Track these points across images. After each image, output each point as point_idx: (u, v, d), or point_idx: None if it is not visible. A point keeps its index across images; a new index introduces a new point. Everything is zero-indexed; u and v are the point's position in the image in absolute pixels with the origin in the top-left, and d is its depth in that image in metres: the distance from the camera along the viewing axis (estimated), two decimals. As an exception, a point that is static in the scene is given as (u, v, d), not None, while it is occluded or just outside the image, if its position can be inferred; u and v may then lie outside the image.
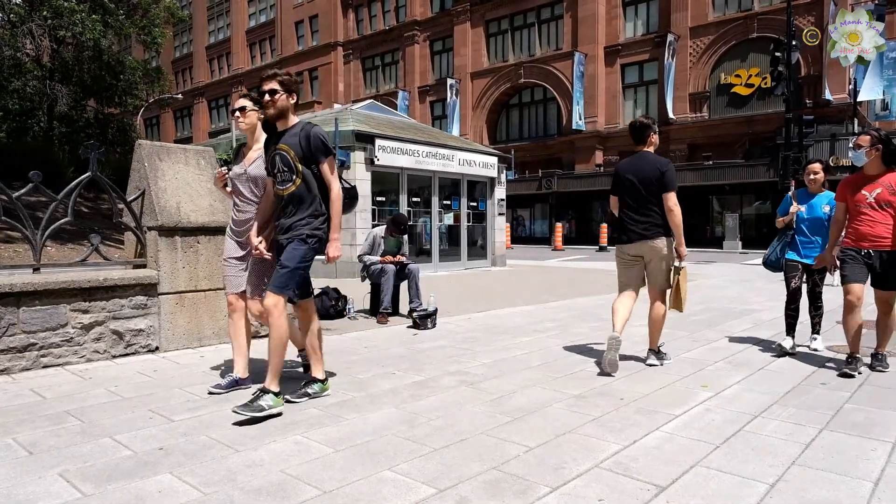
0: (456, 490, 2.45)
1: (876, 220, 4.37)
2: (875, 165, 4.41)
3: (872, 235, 4.38)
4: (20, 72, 14.58)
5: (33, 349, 4.44)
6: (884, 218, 4.35)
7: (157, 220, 5.09)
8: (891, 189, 4.33)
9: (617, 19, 31.93)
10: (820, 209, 5.16)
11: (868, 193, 4.40)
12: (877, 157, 4.38)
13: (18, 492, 2.43)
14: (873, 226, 4.37)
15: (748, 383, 4.14)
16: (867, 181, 4.44)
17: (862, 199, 4.42)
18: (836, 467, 2.69)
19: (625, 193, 4.64)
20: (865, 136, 4.42)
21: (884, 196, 4.34)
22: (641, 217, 4.55)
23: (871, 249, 4.38)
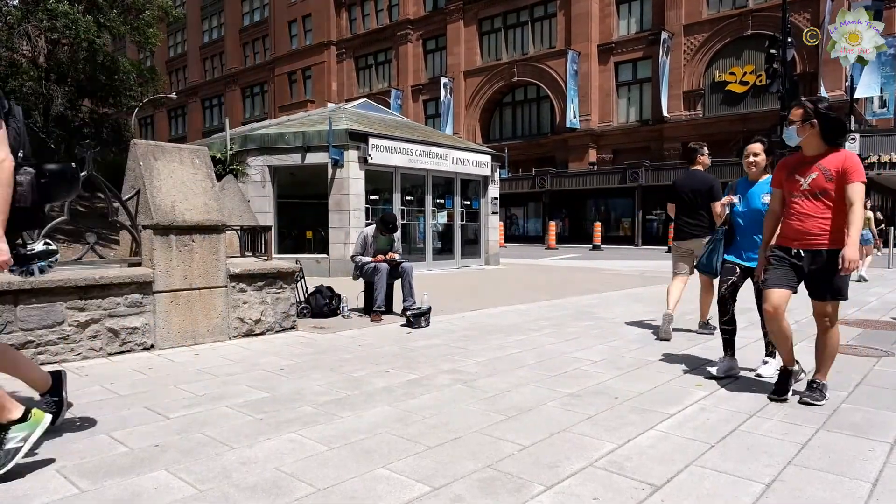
0: (450, 488, 2.47)
1: (808, 212, 3.56)
2: (813, 144, 3.59)
3: (803, 231, 3.57)
4: (17, 73, 14.55)
5: (30, 346, 4.43)
6: (817, 210, 3.53)
7: (153, 218, 5.09)
8: (828, 174, 3.48)
9: (610, 17, 31.99)
10: (758, 200, 4.33)
11: (802, 179, 3.59)
12: (813, 134, 3.56)
13: (16, 488, 2.43)
14: (804, 220, 3.57)
15: (743, 382, 4.17)
16: (803, 164, 3.63)
17: (795, 185, 3.62)
18: (833, 467, 2.69)
19: (681, 202, 6.00)
20: (798, 108, 3.58)
21: (819, 183, 3.51)
22: (693, 220, 5.97)
23: (800, 249, 3.59)
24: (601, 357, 4.93)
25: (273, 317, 5.95)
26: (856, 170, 3.45)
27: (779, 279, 3.62)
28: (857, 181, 3.42)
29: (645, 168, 28.45)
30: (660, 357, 4.93)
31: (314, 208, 12.92)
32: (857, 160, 3.50)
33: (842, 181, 3.46)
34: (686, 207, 5.96)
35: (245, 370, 4.47)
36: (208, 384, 4.06)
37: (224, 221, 5.60)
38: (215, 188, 5.71)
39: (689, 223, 5.97)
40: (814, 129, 3.55)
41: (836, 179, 3.48)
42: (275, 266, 6.04)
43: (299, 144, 12.73)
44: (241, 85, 49.55)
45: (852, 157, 3.52)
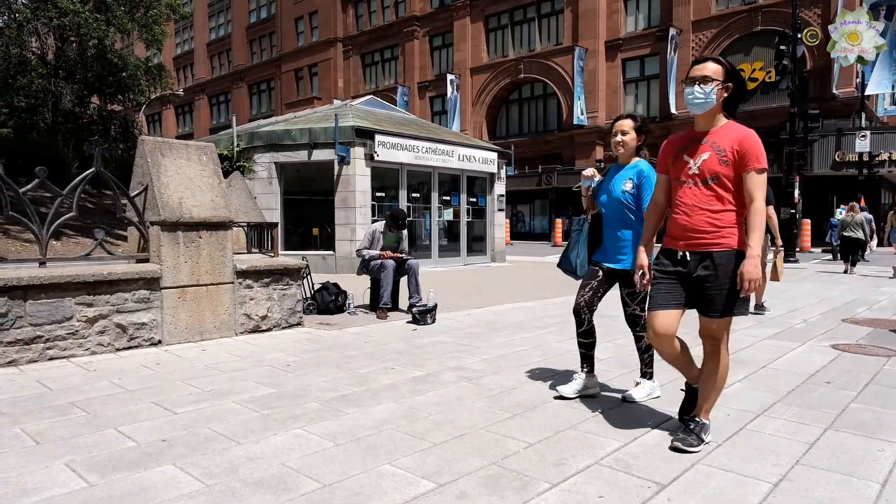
0: (456, 485, 2.47)
1: (696, 203, 2.80)
2: (710, 115, 2.84)
3: (689, 228, 2.82)
4: (26, 69, 14.67)
5: (39, 341, 4.47)
6: (707, 200, 2.79)
7: (160, 215, 5.11)
8: (722, 154, 2.75)
9: (618, 13, 31.83)
10: (619, 187, 3.57)
11: (691, 161, 2.83)
12: (721, 102, 2.83)
13: (26, 480, 2.45)
14: (691, 213, 2.81)
15: (750, 381, 4.15)
16: (694, 141, 2.87)
17: (683, 168, 2.86)
18: (841, 467, 2.68)
19: None
20: (716, 64, 2.83)
21: (710, 165, 2.77)
22: None
23: (686, 251, 2.86)
24: (608, 355, 4.92)
25: (279, 313, 5.97)
26: (755, 154, 2.70)
27: (665, 298, 2.91)
28: (757, 169, 2.69)
29: (653, 165, 28.26)
30: (666, 355, 4.91)
31: (320, 205, 12.94)
32: (758, 141, 2.74)
33: (739, 167, 2.73)
34: None
35: (252, 366, 4.49)
36: (215, 380, 4.08)
37: (231, 218, 5.62)
38: (222, 185, 5.72)
39: None
40: (726, 94, 2.82)
41: (731, 163, 2.74)
42: (281, 263, 6.06)
43: (306, 141, 12.75)
44: (247, 82, 49.63)
45: (752, 136, 2.74)
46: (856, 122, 24.34)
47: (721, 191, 2.78)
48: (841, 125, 24.12)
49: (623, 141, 3.62)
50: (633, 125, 3.64)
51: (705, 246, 2.79)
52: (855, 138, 23.14)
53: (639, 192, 3.51)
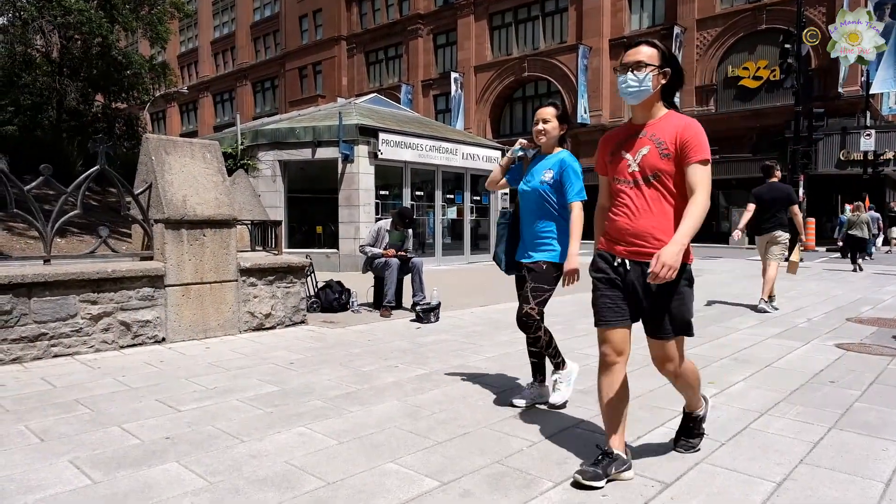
0: (459, 483, 2.47)
1: (637, 204, 2.48)
2: (648, 104, 2.53)
3: (632, 234, 2.49)
4: (30, 67, 14.72)
5: (44, 339, 4.48)
6: (652, 203, 2.47)
7: (164, 212, 5.12)
8: (662, 148, 2.44)
9: (622, 11, 31.76)
10: (539, 178, 3.37)
11: (630, 157, 2.51)
12: (659, 89, 2.51)
13: (30, 477, 2.46)
14: (633, 216, 2.49)
15: (754, 380, 4.14)
16: (632, 135, 2.55)
17: (622, 166, 2.54)
18: (845, 467, 2.66)
19: (763, 206, 7.46)
20: (650, 47, 2.50)
21: (651, 161, 2.45)
22: (771, 219, 7.46)
23: (626, 259, 2.52)
24: (611, 353, 4.90)
25: (283, 311, 5.97)
26: (697, 144, 2.41)
27: (612, 313, 2.52)
28: (700, 161, 2.39)
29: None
30: (670, 354, 4.90)
31: (324, 203, 12.95)
32: (700, 130, 2.45)
33: (681, 161, 2.43)
34: (766, 210, 7.48)
35: (255, 364, 4.50)
36: (219, 377, 4.09)
37: (235, 216, 5.63)
38: (226, 183, 5.73)
39: (769, 221, 7.49)
40: (664, 81, 2.51)
41: (673, 157, 2.43)
42: (285, 261, 6.07)
43: (310, 139, 12.76)
44: (251, 80, 49.68)
45: (694, 125, 2.46)
46: (860, 120, 24.26)
47: (665, 191, 2.46)
48: (846, 124, 24.05)
49: (545, 129, 3.39)
50: (556, 113, 3.43)
51: (649, 255, 2.37)
52: (860, 137, 23.07)
53: (560, 184, 3.31)
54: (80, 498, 2.30)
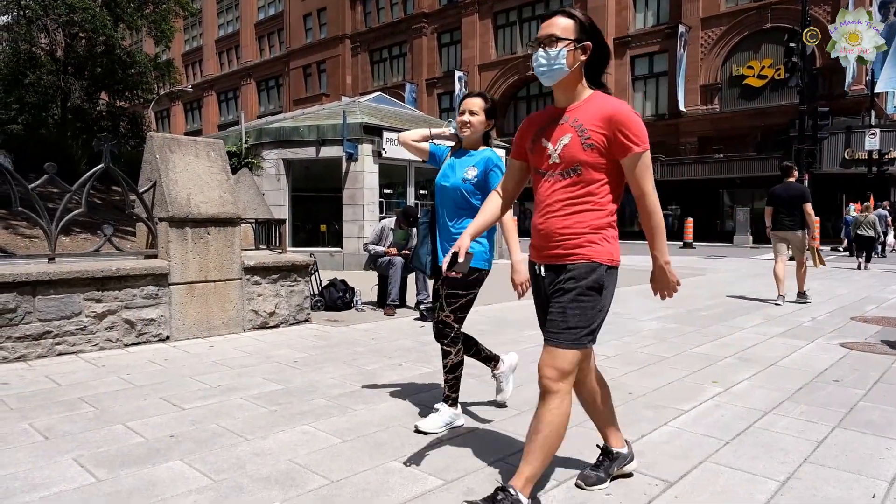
0: (462, 482, 2.47)
1: (554, 203, 2.17)
2: (570, 84, 2.18)
3: (545, 236, 2.20)
4: (35, 65, 14.77)
5: (48, 337, 4.49)
6: (568, 199, 2.15)
7: (168, 211, 5.13)
8: (585, 136, 2.09)
9: (626, 10, 31.69)
10: (461, 174, 3.09)
11: (551, 147, 2.17)
12: (578, 68, 2.17)
13: (35, 475, 2.47)
14: (547, 216, 2.19)
15: (759, 379, 4.13)
16: (553, 121, 2.20)
17: (543, 156, 2.21)
18: (849, 466, 2.66)
19: (781, 205, 7.93)
20: (566, 18, 2.17)
21: (572, 151, 2.11)
22: (790, 218, 7.88)
23: (541, 263, 2.26)
24: (614, 352, 4.90)
25: (287, 309, 5.98)
26: (632, 131, 2.06)
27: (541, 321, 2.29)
28: (638, 151, 2.06)
29: (660, 162, 28.21)
30: (674, 353, 4.90)
31: (328, 202, 12.96)
32: (633, 115, 2.10)
33: (610, 152, 2.09)
34: (785, 208, 7.92)
35: (259, 362, 4.50)
36: (223, 376, 4.10)
37: (239, 214, 5.64)
38: (230, 181, 5.74)
39: (787, 219, 7.92)
40: (584, 57, 2.15)
41: (598, 147, 2.08)
42: (289, 259, 6.07)
43: (314, 138, 12.76)
44: (256, 78, 49.74)
45: (623, 109, 2.10)
46: (865, 119, 24.16)
47: (585, 185, 2.11)
48: (850, 123, 23.96)
49: (471, 122, 3.07)
50: (483, 105, 3.10)
51: (559, 258, 2.13)
52: (864, 136, 22.98)
53: (485, 184, 3.04)
54: (85, 496, 2.31)
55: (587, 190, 2.13)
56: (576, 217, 2.14)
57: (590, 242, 2.14)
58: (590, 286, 2.12)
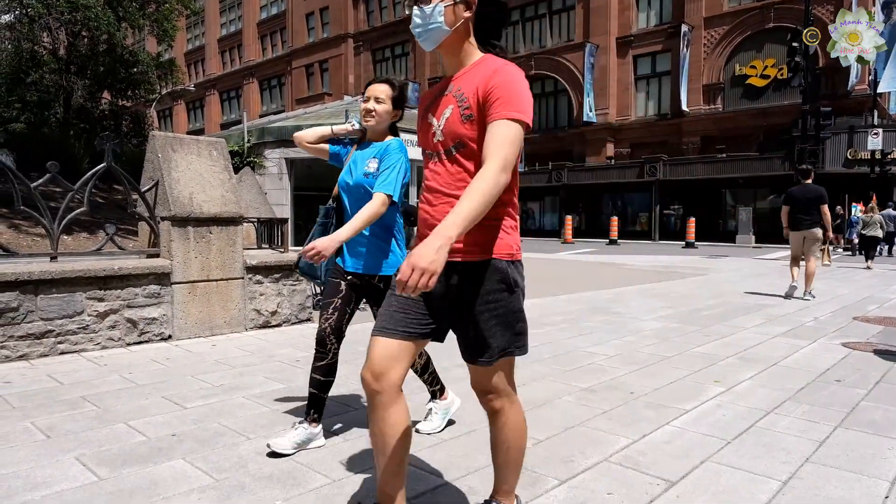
0: (464, 480, 2.47)
1: (441, 188, 1.86)
2: (456, 47, 1.87)
3: (432, 225, 1.86)
4: (38, 64, 14.81)
5: (50, 336, 4.50)
6: (455, 183, 1.82)
7: (171, 210, 5.13)
8: (464, 105, 1.78)
9: (629, 10, 31.68)
10: (362, 168, 2.76)
11: (435, 122, 1.87)
12: (464, 26, 1.84)
13: (37, 474, 2.47)
14: (434, 203, 1.88)
15: (760, 379, 4.12)
16: (441, 93, 1.90)
17: (429, 136, 1.91)
18: (851, 465, 2.66)
19: (798, 205, 8.27)
20: None
21: (453, 125, 1.80)
22: (807, 217, 8.23)
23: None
24: (616, 352, 4.90)
25: (289, 309, 5.99)
26: (506, 95, 1.71)
27: (391, 320, 1.88)
28: (506, 117, 1.69)
29: (663, 162, 28.19)
30: (676, 353, 4.89)
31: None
32: (515, 78, 1.74)
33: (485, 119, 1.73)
34: (802, 208, 8.26)
35: (261, 361, 4.51)
36: (225, 375, 4.10)
37: (241, 213, 5.64)
38: (233, 180, 5.74)
39: (804, 218, 8.25)
40: (469, 13, 1.84)
41: (477, 117, 1.76)
42: (291, 258, 6.08)
43: (316, 137, 12.76)
44: (258, 77, 49.79)
45: (506, 70, 1.75)
46: (868, 119, 24.10)
47: (472, 166, 1.78)
48: (853, 122, 23.90)
49: (375, 110, 2.73)
50: (391, 93, 2.76)
51: (451, 253, 1.69)
52: (867, 136, 22.93)
53: (377, 172, 2.70)
54: (87, 495, 2.31)
55: (472, 171, 1.79)
56: None
57: (493, 238, 1.80)
58: (496, 287, 1.80)
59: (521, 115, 1.71)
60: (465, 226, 1.58)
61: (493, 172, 1.63)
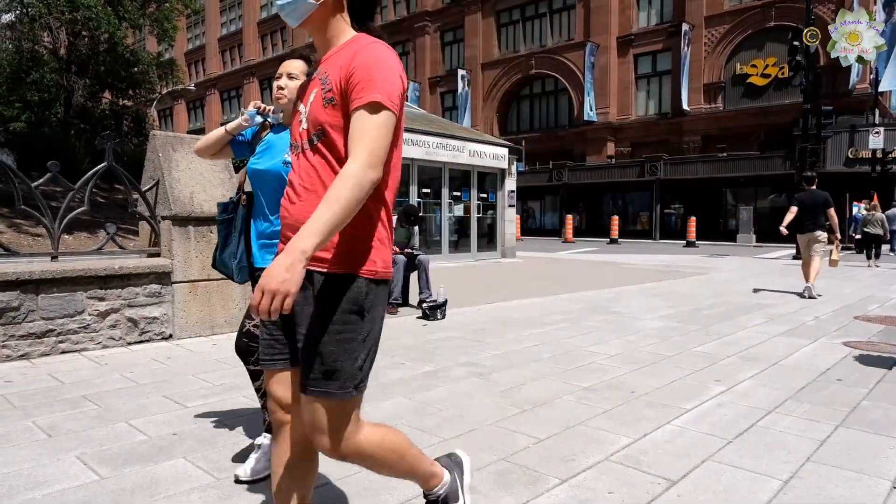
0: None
1: (301, 184, 1.61)
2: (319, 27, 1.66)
3: (289, 227, 1.62)
4: (38, 64, 14.82)
5: (51, 335, 4.51)
6: (314, 178, 1.58)
7: (171, 209, 5.13)
8: (327, 89, 1.56)
9: (630, 9, 31.65)
10: (280, 156, 2.45)
11: (303, 109, 1.66)
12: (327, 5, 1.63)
13: (38, 473, 2.47)
14: (294, 200, 1.62)
15: (762, 378, 4.12)
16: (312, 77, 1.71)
17: (295, 125, 1.70)
18: (852, 465, 2.66)
19: (805, 210, 8.65)
20: None
21: (315, 112, 1.59)
22: (813, 221, 8.62)
23: None
24: (617, 351, 4.90)
25: (290, 308, 5.98)
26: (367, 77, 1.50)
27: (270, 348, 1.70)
28: (367, 102, 1.48)
29: (664, 161, 28.18)
30: (677, 352, 4.89)
31: (331, 200, 12.97)
32: (383, 57, 1.54)
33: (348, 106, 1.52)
34: (808, 212, 8.66)
35: (262, 360, 4.50)
36: (226, 374, 4.10)
37: (242, 213, 5.63)
38: (233, 180, 5.74)
39: (810, 222, 8.64)
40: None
41: (339, 102, 1.54)
42: (292, 257, 6.07)
43: (316, 136, 12.77)
44: (259, 77, 49.76)
45: (371, 49, 1.55)
46: (869, 118, 24.08)
47: (335, 158, 1.55)
48: (854, 121, 23.89)
49: (288, 87, 2.42)
50: (305, 69, 2.46)
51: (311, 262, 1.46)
52: (868, 135, 22.91)
53: None
54: (88, 493, 2.31)
55: (335, 165, 1.55)
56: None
57: (346, 242, 1.55)
58: (345, 307, 1.54)
59: (383, 97, 1.48)
60: (322, 236, 1.39)
61: (355, 170, 1.44)
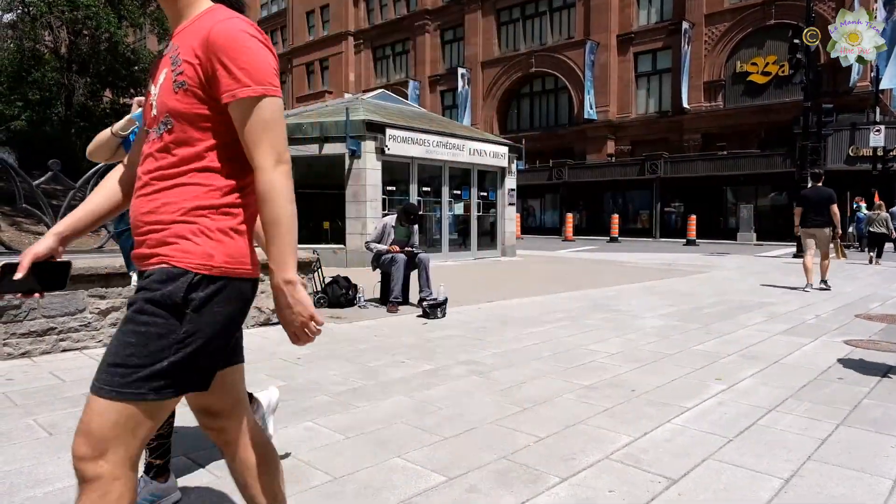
0: (465, 478, 2.47)
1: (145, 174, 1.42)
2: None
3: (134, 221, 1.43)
4: (39, 63, 14.83)
5: (53, 333, 4.51)
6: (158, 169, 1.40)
7: (172, 208, 5.14)
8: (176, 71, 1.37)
9: (630, 7, 31.61)
10: None
11: (154, 90, 1.45)
12: None
13: (38, 471, 2.48)
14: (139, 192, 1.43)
15: (762, 377, 4.12)
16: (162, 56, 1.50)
17: (147, 108, 1.48)
18: (853, 463, 2.66)
19: (810, 206, 8.95)
20: None
21: (163, 96, 1.39)
22: (819, 217, 8.89)
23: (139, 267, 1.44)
24: (617, 350, 4.90)
25: (290, 306, 5.98)
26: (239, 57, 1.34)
27: None
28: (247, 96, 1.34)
29: (664, 160, 28.16)
30: (677, 350, 4.89)
31: (331, 199, 12.96)
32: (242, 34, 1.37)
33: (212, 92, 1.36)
34: (814, 209, 8.93)
35: (263, 359, 4.51)
36: (226, 372, 4.10)
37: (242, 211, 5.64)
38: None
39: (816, 217, 8.91)
40: None
41: (192, 88, 1.36)
42: (292, 256, 6.07)
43: (317, 135, 12.76)
44: (259, 76, 49.77)
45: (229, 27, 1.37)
46: (870, 116, 24.06)
47: (179, 147, 1.39)
48: (855, 120, 23.86)
49: None
50: None
51: (144, 259, 1.40)
52: (869, 133, 22.90)
53: None
54: (89, 491, 2.31)
55: (182, 155, 1.38)
56: (164, 197, 1.38)
57: (176, 237, 1.36)
58: (156, 300, 1.32)
59: (263, 86, 1.35)
60: (289, 259, 1.38)
61: (270, 178, 1.34)
